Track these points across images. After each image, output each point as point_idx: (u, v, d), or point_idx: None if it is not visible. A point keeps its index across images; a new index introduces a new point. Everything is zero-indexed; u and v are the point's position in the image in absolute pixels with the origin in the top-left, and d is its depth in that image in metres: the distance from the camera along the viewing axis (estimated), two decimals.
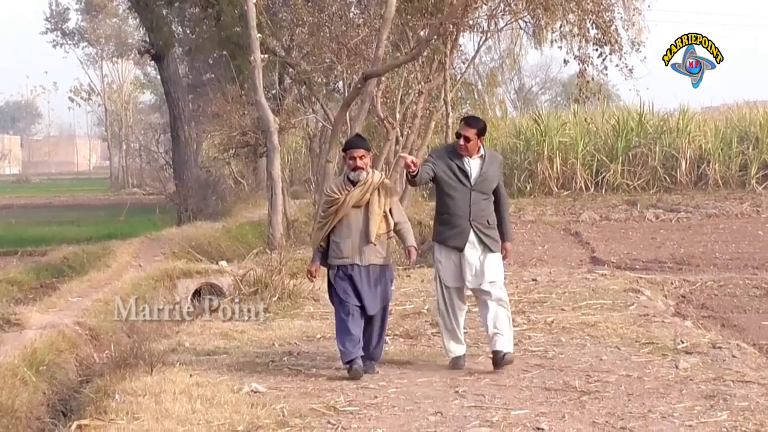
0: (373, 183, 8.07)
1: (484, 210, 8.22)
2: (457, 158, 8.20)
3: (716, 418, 6.69)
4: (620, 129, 34.12)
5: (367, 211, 8.04)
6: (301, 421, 6.86)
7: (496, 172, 8.43)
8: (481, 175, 8.21)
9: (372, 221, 8.00)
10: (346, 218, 8.05)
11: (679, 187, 33.02)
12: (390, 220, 8.16)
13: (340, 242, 8.07)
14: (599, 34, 18.95)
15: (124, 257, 17.44)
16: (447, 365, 8.35)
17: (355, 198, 8.00)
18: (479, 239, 8.14)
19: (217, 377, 8.23)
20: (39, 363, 9.83)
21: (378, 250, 8.09)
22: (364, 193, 8.03)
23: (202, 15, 24.75)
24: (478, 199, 8.19)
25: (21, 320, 11.28)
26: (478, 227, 8.14)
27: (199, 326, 11.09)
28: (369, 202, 8.02)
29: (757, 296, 14.06)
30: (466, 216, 8.14)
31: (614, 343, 9.25)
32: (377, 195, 8.06)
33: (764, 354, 9.64)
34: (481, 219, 8.18)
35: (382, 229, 8.09)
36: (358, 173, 8.06)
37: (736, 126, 34.84)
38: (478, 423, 6.72)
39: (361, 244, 8.02)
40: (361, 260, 8.03)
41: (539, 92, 68.04)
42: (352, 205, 8.01)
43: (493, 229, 8.26)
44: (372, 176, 8.12)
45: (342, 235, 8.07)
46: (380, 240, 8.09)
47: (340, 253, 8.07)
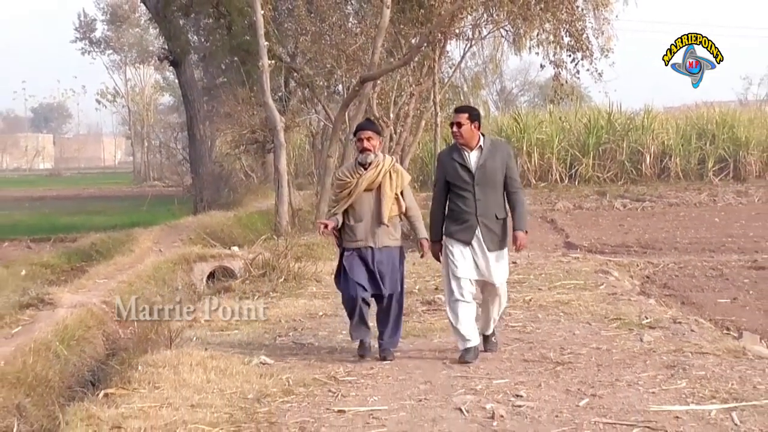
0: (384, 167, 7.55)
1: (491, 204, 7.47)
2: (457, 154, 7.55)
3: (676, 385, 6.70)
4: (591, 127, 34.20)
5: (379, 194, 7.52)
6: (305, 390, 6.87)
7: (499, 163, 7.53)
8: (481, 167, 7.45)
9: (384, 203, 7.49)
10: (358, 202, 7.54)
11: (644, 179, 33.12)
12: (402, 202, 7.63)
13: (354, 226, 7.58)
14: (572, 41, 18.98)
15: (145, 243, 17.43)
16: (457, 358, 7.59)
17: (367, 181, 7.50)
18: (486, 235, 7.43)
19: (229, 351, 8.23)
20: (70, 338, 9.84)
21: (391, 232, 7.60)
22: (375, 176, 7.51)
23: (215, 25, 24.71)
24: (484, 193, 7.45)
25: (54, 300, 11.28)
26: (485, 223, 7.42)
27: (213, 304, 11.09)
28: (381, 185, 7.52)
29: (713, 277, 14.09)
30: (473, 211, 7.42)
31: (585, 319, 9.26)
32: (388, 178, 7.53)
33: (719, 328, 9.67)
34: (489, 214, 7.44)
35: (394, 211, 7.58)
36: (366, 155, 7.55)
37: (695, 124, 34.92)
38: (463, 391, 6.73)
39: (373, 227, 7.54)
40: (374, 243, 7.54)
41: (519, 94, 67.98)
42: (364, 188, 7.51)
43: (502, 224, 7.51)
44: (383, 160, 7.61)
45: (355, 218, 7.58)
46: (392, 222, 7.61)
47: (354, 237, 7.58)
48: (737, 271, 14.50)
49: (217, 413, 6.27)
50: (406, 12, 19.21)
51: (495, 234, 7.45)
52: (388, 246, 7.59)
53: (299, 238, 15.36)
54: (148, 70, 63.13)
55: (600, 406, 6.28)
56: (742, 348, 8.05)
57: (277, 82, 21.92)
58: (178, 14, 25.04)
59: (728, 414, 6.01)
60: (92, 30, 58.87)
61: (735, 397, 6.35)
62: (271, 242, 15.41)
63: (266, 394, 6.76)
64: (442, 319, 9.44)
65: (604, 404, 6.31)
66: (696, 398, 6.38)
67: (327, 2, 20.22)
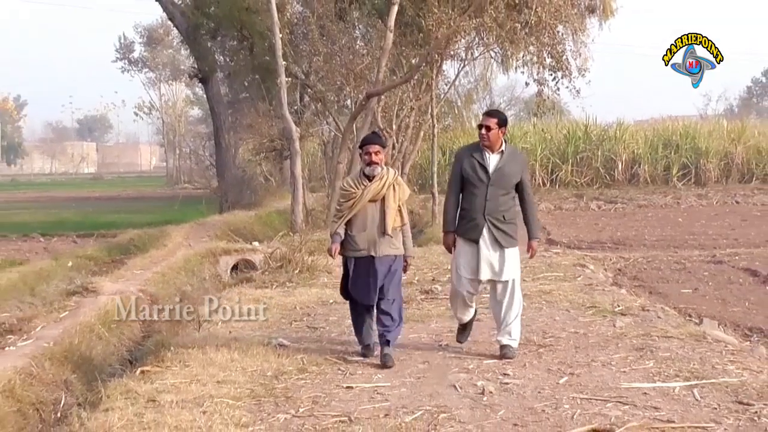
0: (389, 179, 6.90)
1: (501, 206, 6.90)
2: (478, 154, 6.96)
3: (645, 365, 6.70)
4: (570, 137, 34.16)
5: (383, 205, 6.86)
6: (317, 368, 6.88)
7: (516, 169, 7.01)
8: (498, 170, 6.91)
9: (388, 215, 6.84)
10: (362, 212, 6.88)
11: (616, 183, 33.08)
12: (404, 213, 7.02)
13: (356, 236, 6.91)
14: (553, 62, 18.96)
15: (177, 238, 17.44)
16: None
17: (372, 192, 6.84)
18: (493, 233, 6.87)
19: (250, 333, 8.23)
20: (110, 322, 9.85)
21: (392, 242, 6.92)
22: (381, 188, 6.85)
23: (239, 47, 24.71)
24: (495, 194, 6.88)
25: (96, 288, 11.31)
26: (492, 222, 6.86)
27: (236, 293, 11.10)
28: (384, 197, 6.85)
29: (677, 270, 14.10)
30: (482, 210, 6.87)
31: (565, 307, 9.26)
32: (392, 190, 6.87)
33: (682, 315, 9.66)
34: (497, 214, 6.88)
35: (397, 222, 6.92)
36: (372, 168, 6.87)
37: (661, 135, 34.90)
38: (457, 370, 6.74)
39: (377, 237, 6.88)
40: (376, 252, 6.88)
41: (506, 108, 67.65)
42: (369, 199, 6.85)
43: (510, 225, 6.93)
44: (387, 173, 6.95)
45: (358, 228, 6.91)
46: (395, 232, 6.94)
47: (356, 246, 6.92)
48: (698, 265, 14.51)
49: (240, 388, 6.28)
50: (407, 36, 19.20)
51: (502, 232, 6.89)
52: (389, 255, 6.94)
53: (312, 235, 15.35)
54: (179, 86, 63.18)
55: (577, 383, 6.28)
56: (702, 333, 8.05)
57: (293, 96, 21.94)
58: (207, 37, 25.06)
59: (690, 390, 6.01)
60: (131, 51, 59.21)
61: (696, 376, 6.35)
62: (288, 238, 15.42)
63: (283, 372, 6.77)
64: (438, 307, 9.47)
65: (581, 382, 6.31)
66: (662, 377, 6.38)
67: (337, 27, 20.22)
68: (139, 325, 10.54)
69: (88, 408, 6.00)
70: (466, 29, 18.23)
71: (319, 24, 20.24)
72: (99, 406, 5.96)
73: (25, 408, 6.98)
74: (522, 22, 17.63)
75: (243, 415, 5.66)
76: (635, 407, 5.65)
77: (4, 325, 9.61)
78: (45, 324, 9.26)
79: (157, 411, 5.72)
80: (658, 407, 5.64)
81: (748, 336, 9.11)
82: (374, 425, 5.44)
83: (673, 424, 5.29)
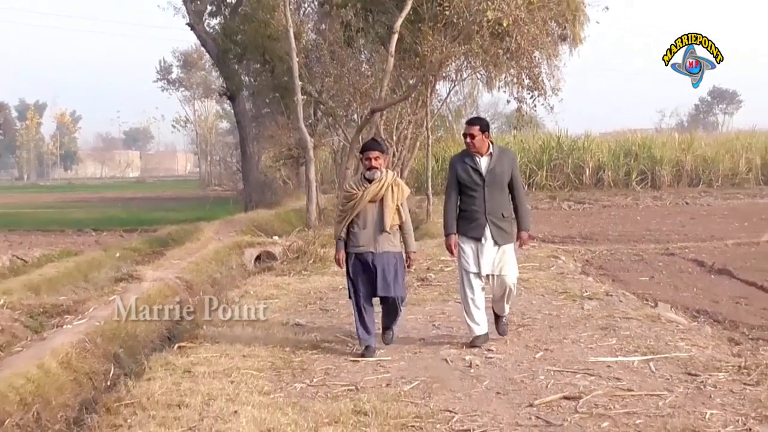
0: (387, 181, 6.44)
1: (498, 204, 6.52)
2: (469, 159, 6.54)
3: (608, 342, 6.70)
4: (545, 147, 34.10)
5: (382, 205, 6.41)
6: (329, 345, 6.88)
7: (506, 167, 6.56)
8: (491, 171, 6.49)
9: (386, 214, 6.39)
10: (363, 212, 6.43)
11: (584, 187, 33.02)
12: (402, 212, 6.52)
13: (358, 233, 6.45)
14: (531, 82, 18.90)
15: (208, 233, 17.45)
16: (467, 341, 6.72)
17: (371, 193, 6.39)
18: (494, 231, 6.48)
19: (271, 314, 8.23)
20: (152, 304, 9.84)
21: (391, 239, 6.46)
22: (379, 190, 6.40)
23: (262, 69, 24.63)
24: (493, 194, 6.49)
25: (140, 275, 11.31)
26: (493, 220, 6.47)
27: (259, 280, 11.10)
28: (383, 197, 6.41)
29: (636, 261, 14.11)
30: (483, 210, 6.47)
31: (540, 292, 9.25)
32: (390, 191, 6.42)
33: (640, 299, 9.66)
34: (496, 212, 6.50)
35: (395, 220, 6.46)
36: (372, 172, 6.43)
37: (623, 146, 34.85)
38: (448, 346, 6.74)
39: (375, 234, 6.41)
40: (375, 248, 6.41)
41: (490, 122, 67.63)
42: (369, 200, 6.40)
43: (507, 222, 6.59)
44: (386, 175, 6.48)
45: (359, 226, 6.45)
46: (393, 230, 6.47)
47: (357, 242, 6.45)
48: (653, 257, 14.51)
49: (263, 361, 6.29)
50: (405, 60, 19.15)
51: (502, 230, 6.52)
52: (388, 251, 6.46)
53: (324, 230, 15.32)
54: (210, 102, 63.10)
55: (551, 357, 6.28)
56: (657, 314, 8.06)
57: (307, 112, 21.90)
58: (234, 60, 25.01)
59: (647, 364, 6.02)
60: (169, 73, 59.23)
61: (652, 351, 6.36)
62: (303, 233, 15.39)
63: (299, 348, 6.77)
64: (432, 292, 9.46)
65: (554, 356, 6.31)
66: (623, 352, 6.39)
67: (346, 52, 20.18)
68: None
69: (134, 378, 6.01)
70: (456, 54, 18.22)
71: (330, 50, 20.22)
72: (142, 376, 5.97)
73: (80, 377, 6.99)
74: (504, 48, 17.61)
75: (265, 384, 5.67)
76: (600, 378, 5.66)
77: (62, 306, 9.63)
78: (96, 306, 9.26)
79: (192, 380, 5.73)
80: (619, 378, 5.64)
81: (695, 317, 9.12)
82: (377, 393, 5.45)
83: (633, 392, 5.30)
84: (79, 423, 5.69)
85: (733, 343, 7.35)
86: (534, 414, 4.95)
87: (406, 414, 4.96)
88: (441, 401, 5.25)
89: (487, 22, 16.43)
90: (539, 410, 5.01)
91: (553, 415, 4.91)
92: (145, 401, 5.23)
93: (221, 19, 24.78)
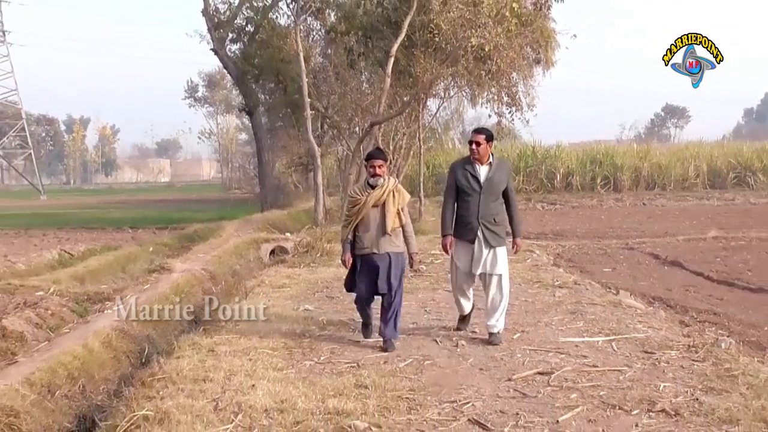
0: (388, 187, 6.10)
1: (492, 210, 6.09)
2: (470, 166, 6.14)
3: (576, 325, 6.71)
4: (521, 155, 34.00)
5: (384, 209, 6.05)
6: (335, 327, 6.88)
7: (503, 177, 6.18)
8: (488, 179, 6.08)
9: (388, 218, 6.04)
10: (366, 216, 6.07)
11: (556, 190, 32.96)
12: (403, 216, 6.15)
13: (362, 235, 6.08)
14: (509, 100, 18.94)
15: (230, 230, 17.43)
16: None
17: (374, 198, 6.04)
18: (486, 234, 6.07)
19: (284, 301, 8.23)
20: (180, 292, 9.85)
21: (392, 241, 6.09)
22: (381, 195, 6.05)
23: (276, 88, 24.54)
24: (487, 200, 6.08)
25: (170, 267, 11.29)
26: (485, 224, 6.05)
27: (273, 271, 11.09)
28: (385, 202, 6.05)
29: (600, 254, 14.09)
30: (476, 215, 6.06)
31: (518, 282, 9.23)
32: (392, 196, 6.08)
33: (604, 288, 9.65)
34: (489, 217, 6.08)
35: (396, 223, 6.09)
36: (376, 179, 6.08)
37: (589, 154, 34.80)
38: (438, 329, 6.75)
39: (378, 236, 6.05)
40: (378, 249, 6.05)
41: None
42: (372, 204, 6.05)
43: (500, 226, 6.15)
44: (388, 181, 6.14)
45: (363, 230, 6.08)
46: (395, 232, 6.09)
47: (362, 245, 6.09)
48: (615, 251, 14.50)
49: (276, 342, 6.28)
50: (400, 80, 19.12)
51: (493, 233, 6.09)
52: (389, 252, 6.08)
53: (330, 227, 15.35)
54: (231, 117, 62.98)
55: (527, 338, 6.29)
56: (618, 300, 8.07)
57: (315, 125, 21.85)
58: (252, 81, 24.94)
59: (609, 343, 6.02)
60: (196, 91, 59.17)
61: (614, 332, 6.36)
62: (312, 230, 15.40)
63: (308, 330, 6.77)
64: (424, 282, 9.46)
65: (529, 337, 6.32)
66: (589, 333, 6.39)
67: (348, 73, 20.14)
68: (201, 294, 10.54)
69: (165, 356, 6.00)
70: (444, 75, 18.24)
71: (335, 71, 20.20)
72: (172, 355, 5.96)
73: (119, 355, 6.98)
74: (486, 70, 17.60)
75: (279, 362, 5.66)
76: (569, 356, 5.66)
77: (103, 294, 9.61)
78: (132, 294, 9.26)
79: (215, 358, 5.72)
80: (586, 356, 5.64)
81: (651, 303, 9.11)
82: (376, 369, 5.44)
83: (597, 368, 5.30)
84: (118, 394, 5.68)
85: (683, 325, 7.35)
86: (512, 387, 4.95)
87: (401, 387, 4.95)
88: (431, 376, 5.24)
89: (471, 47, 16.48)
90: (516, 384, 5.02)
91: (528, 388, 4.91)
92: (174, 376, 5.22)
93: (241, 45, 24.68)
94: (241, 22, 24.26)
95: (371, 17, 18.84)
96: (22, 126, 70.48)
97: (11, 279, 10.90)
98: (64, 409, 5.66)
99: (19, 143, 73.67)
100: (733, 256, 13.03)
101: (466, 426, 4.25)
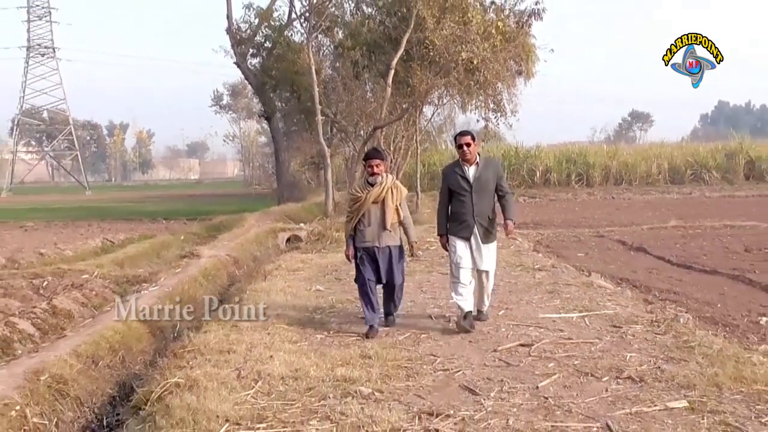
0: (387, 184, 5.78)
1: (485, 208, 5.71)
2: (459, 168, 5.75)
3: (554, 303, 6.69)
4: (506, 155, 33.88)
5: (383, 205, 5.74)
6: (342, 305, 6.87)
7: (492, 174, 5.76)
8: (477, 179, 5.69)
9: (387, 213, 5.73)
10: (367, 212, 5.76)
11: (536, 185, 32.88)
12: (401, 211, 5.84)
13: (363, 230, 5.77)
14: (495, 106, 18.92)
15: (251, 221, 17.44)
16: (456, 323, 5.79)
17: (373, 196, 5.73)
18: (481, 232, 5.69)
19: (298, 282, 8.22)
20: (207, 275, 9.85)
21: (392, 235, 5.79)
22: (380, 192, 5.74)
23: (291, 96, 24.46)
24: (480, 199, 5.69)
25: (199, 253, 11.31)
26: (480, 222, 5.68)
27: (289, 257, 11.08)
28: (384, 198, 5.75)
29: (575, 241, 14.04)
30: (471, 214, 5.67)
31: (503, 265, 9.15)
32: (390, 193, 5.77)
33: (578, 270, 9.61)
34: (483, 215, 5.70)
35: (395, 219, 5.79)
36: (374, 178, 5.77)
37: (565, 154, 34.72)
38: (432, 306, 6.74)
39: (379, 231, 5.74)
40: (379, 243, 5.75)
41: None
42: (372, 201, 5.74)
43: (492, 223, 5.78)
44: (386, 179, 5.81)
45: (364, 224, 5.77)
46: (394, 227, 5.79)
47: (363, 239, 5.78)
48: (588, 238, 14.45)
49: (291, 318, 6.27)
50: (399, 89, 19.07)
51: (487, 230, 5.73)
52: (390, 245, 5.81)
53: (338, 218, 15.33)
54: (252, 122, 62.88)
55: (511, 315, 6.27)
56: (591, 281, 8.04)
57: (325, 129, 21.80)
58: (269, 90, 24.87)
59: (583, 319, 6.00)
60: (221, 100, 58.92)
61: (587, 309, 6.34)
62: (322, 221, 15.41)
63: (319, 308, 6.76)
64: (420, 265, 9.42)
65: (513, 314, 6.30)
66: (565, 310, 6.37)
67: (354, 84, 20.08)
68: (226, 277, 10.54)
69: (194, 331, 5.99)
70: (438, 85, 18.21)
71: (343, 82, 20.13)
72: (200, 329, 5.96)
73: (155, 330, 6.98)
74: (475, 80, 17.57)
75: (293, 335, 5.65)
76: (548, 330, 5.64)
77: (140, 276, 9.62)
78: (166, 276, 9.27)
79: (238, 332, 5.71)
80: (562, 330, 5.63)
81: (619, 283, 9.07)
82: (378, 341, 5.43)
83: (572, 340, 5.29)
84: (153, 364, 5.68)
85: (647, 303, 7.33)
86: (497, 357, 4.94)
87: (400, 357, 4.94)
88: (427, 348, 5.22)
89: (461, 60, 16.45)
90: (501, 354, 5.00)
91: (511, 358, 4.90)
92: (202, 348, 5.22)
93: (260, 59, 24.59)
94: (260, 39, 24.23)
95: (374, 34, 18.81)
96: (70, 131, 71.00)
97: (61, 264, 10.94)
98: (106, 377, 5.67)
99: (67, 146, 74.31)
100: (691, 243, 12.99)
101: (458, 391, 4.24)
